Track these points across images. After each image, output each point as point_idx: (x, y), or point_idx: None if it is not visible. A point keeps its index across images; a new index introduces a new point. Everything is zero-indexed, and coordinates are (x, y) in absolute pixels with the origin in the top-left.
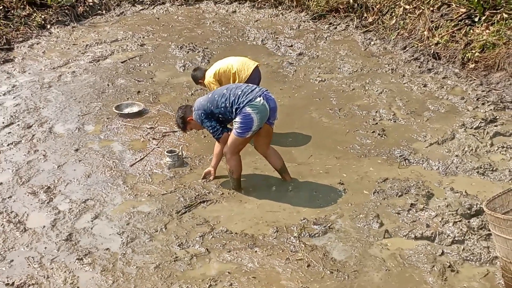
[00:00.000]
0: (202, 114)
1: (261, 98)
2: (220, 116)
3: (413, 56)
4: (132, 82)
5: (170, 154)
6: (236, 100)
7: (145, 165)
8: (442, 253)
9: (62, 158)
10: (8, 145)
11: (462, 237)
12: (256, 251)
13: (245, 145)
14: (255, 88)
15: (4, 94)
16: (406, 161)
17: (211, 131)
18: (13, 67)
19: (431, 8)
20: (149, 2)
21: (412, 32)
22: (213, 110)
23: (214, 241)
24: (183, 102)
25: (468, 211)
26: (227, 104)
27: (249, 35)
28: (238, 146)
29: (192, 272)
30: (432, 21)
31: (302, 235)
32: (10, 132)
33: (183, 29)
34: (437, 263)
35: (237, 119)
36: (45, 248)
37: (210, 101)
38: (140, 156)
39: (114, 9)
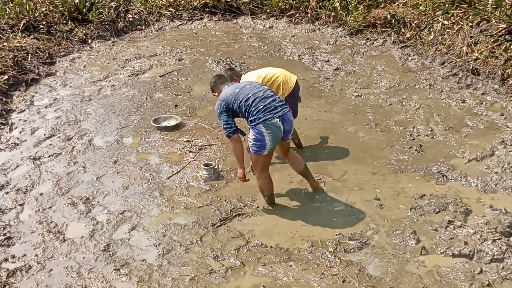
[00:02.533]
0: (224, 106)
1: (278, 119)
2: (239, 114)
3: (451, 71)
4: (170, 96)
5: (206, 167)
6: (255, 113)
7: (182, 178)
8: (481, 271)
9: (101, 170)
10: (49, 156)
11: (502, 255)
12: (291, 265)
13: (268, 161)
14: (278, 107)
15: (46, 107)
16: (444, 177)
17: (224, 126)
18: (55, 80)
19: (470, 24)
20: (187, 18)
21: (451, 48)
22: (234, 107)
23: (249, 254)
24: None
25: (508, 229)
26: (246, 111)
27: (286, 50)
28: (261, 164)
29: (226, 285)
30: (471, 37)
31: (338, 250)
32: (51, 144)
33: (220, 44)
34: (475, 282)
35: (251, 134)
36: (83, 258)
37: (234, 97)
38: (177, 169)
39: (153, 24)
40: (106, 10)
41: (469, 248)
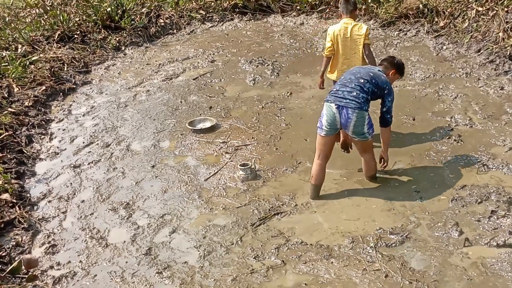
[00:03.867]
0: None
1: (335, 106)
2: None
3: (488, 58)
4: (204, 98)
5: (243, 168)
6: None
7: (219, 179)
8: None
9: (139, 174)
10: (88, 163)
11: None
12: (332, 262)
13: (322, 146)
14: (344, 98)
15: (83, 115)
16: (485, 166)
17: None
18: (91, 88)
19: (506, 9)
20: (218, 19)
21: (486, 34)
22: None
23: (290, 253)
24: (254, 115)
25: None
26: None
27: (318, 46)
28: (317, 145)
29: (268, 284)
30: (507, 22)
31: (379, 245)
32: (90, 151)
33: (251, 43)
34: None
35: None
36: (126, 262)
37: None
38: (214, 170)
39: (184, 28)
40: (138, 16)
41: None
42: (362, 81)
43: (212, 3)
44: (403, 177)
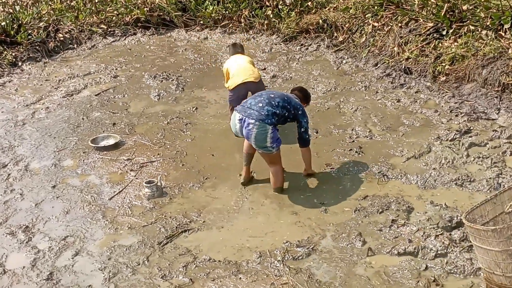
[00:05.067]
0: None
1: (238, 115)
2: None
3: (385, 72)
4: (107, 115)
5: (148, 185)
6: None
7: (124, 198)
8: (426, 268)
9: (39, 195)
10: None
11: (445, 250)
12: (240, 278)
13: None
14: (248, 108)
15: None
16: (385, 177)
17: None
18: None
19: (399, 24)
20: (120, 34)
21: (383, 49)
22: None
23: (198, 271)
24: (160, 131)
25: (449, 224)
26: None
27: (222, 61)
28: None
29: None
30: (401, 37)
31: (286, 258)
32: None
33: (155, 58)
34: (421, 278)
35: None
36: None
37: None
38: (119, 189)
39: (85, 42)
40: (35, 30)
41: (413, 245)
42: (272, 96)
43: (114, 17)
44: (308, 189)
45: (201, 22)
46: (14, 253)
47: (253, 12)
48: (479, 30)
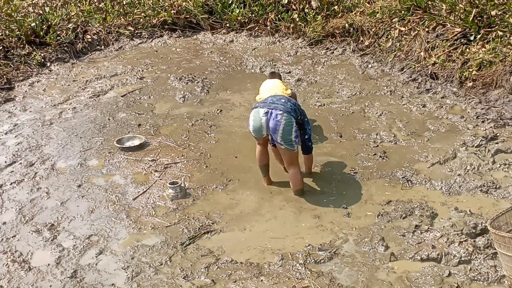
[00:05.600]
0: None
1: (263, 110)
2: None
3: (410, 77)
4: (133, 116)
5: (172, 186)
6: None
7: (148, 198)
8: (449, 274)
9: (65, 194)
10: (11, 184)
11: (469, 257)
12: (262, 280)
13: (257, 142)
14: (272, 102)
15: (6, 133)
16: (409, 182)
17: None
18: (14, 106)
19: (426, 29)
20: (147, 36)
21: (409, 54)
22: None
23: (220, 272)
24: (184, 133)
25: (473, 230)
26: None
27: (247, 64)
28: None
29: None
30: (428, 42)
31: (308, 261)
32: (12, 171)
33: (181, 60)
34: (444, 285)
35: None
36: (50, 286)
37: None
38: (143, 189)
39: (112, 44)
40: (64, 32)
41: (436, 251)
42: (288, 98)
43: (141, 20)
44: (331, 193)
45: (227, 25)
46: (40, 250)
47: (279, 16)
48: (508, 36)
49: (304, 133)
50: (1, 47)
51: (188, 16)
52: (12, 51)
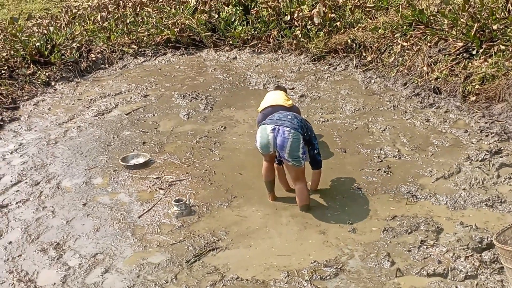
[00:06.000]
0: None
1: (270, 127)
2: None
3: (414, 92)
4: (137, 133)
5: (177, 203)
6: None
7: (153, 216)
8: None
9: (70, 213)
10: (16, 203)
11: (475, 272)
12: None
13: (263, 156)
14: (279, 119)
15: (11, 153)
16: (414, 197)
17: None
18: (19, 125)
19: (429, 44)
20: (151, 54)
21: (412, 68)
22: None
23: None
24: (189, 150)
25: (479, 245)
26: None
27: (251, 80)
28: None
29: None
30: (430, 57)
31: (314, 278)
32: (18, 190)
33: (185, 78)
34: None
35: None
36: None
37: None
38: (148, 207)
39: (116, 62)
40: (68, 51)
41: (443, 266)
42: (295, 115)
43: (145, 38)
44: (336, 208)
45: (230, 42)
46: (45, 269)
47: (281, 32)
48: (510, 50)
49: (313, 148)
50: (6, 67)
51: (191, 34)
52: (17, 70)
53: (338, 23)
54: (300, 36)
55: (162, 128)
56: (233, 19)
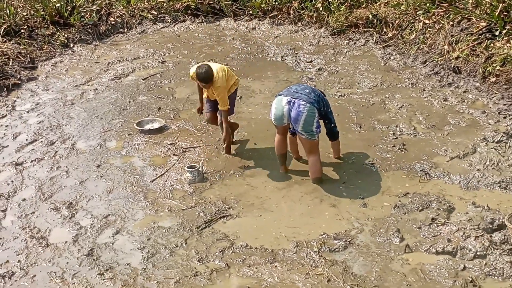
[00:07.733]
0: None
1: (285, 99)
2: None
3: (433, 70)
4: (153, 99)
5: (190, 170)
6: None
7: (166, 181)
8: (464, 268)
9: (84, 174)
10: (31, 161)
11: (484, 252)
12: (276, 266)
13: (276, 128)
14: (296, 92)
15: (27, 112)
16: (427, 175)
17: None
18: (36, 85)
19: (451, 23)
20: (170, 20)
21: (432, 47)
22: None
23: (234, 256)
24: (204, 117)
25: (490, 226)
26: None
27: (269, 51)
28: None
29: (212, 287)
30: (452, 36)
31: (322, 250)
32: (33, 149)
33: (203, 46)
34: (458, 278)
35: None
36: (67, 263)
37: None
38: (161, 172)
39: (135, 27)
40: (88, 13)
41: (452, 245)
42: (313, 88)
43: (164, 4)
44: (348, 183)
45: (250, 12)
46: (58, 228)
47: (302, 4)
48: None
49: (330, 122)
50: (26, 27)
51: (211, 2)
52: (36, 31)
53: None
54: (321, 9)
55: (178, 95)
56: None
